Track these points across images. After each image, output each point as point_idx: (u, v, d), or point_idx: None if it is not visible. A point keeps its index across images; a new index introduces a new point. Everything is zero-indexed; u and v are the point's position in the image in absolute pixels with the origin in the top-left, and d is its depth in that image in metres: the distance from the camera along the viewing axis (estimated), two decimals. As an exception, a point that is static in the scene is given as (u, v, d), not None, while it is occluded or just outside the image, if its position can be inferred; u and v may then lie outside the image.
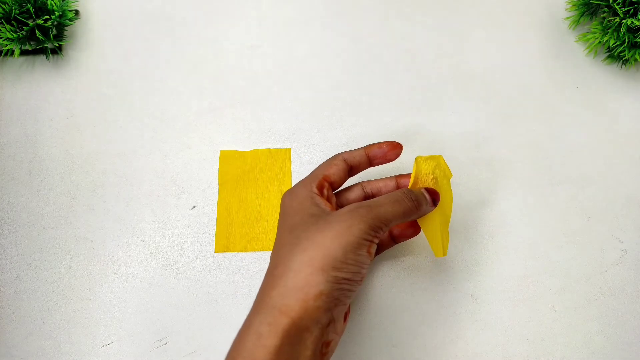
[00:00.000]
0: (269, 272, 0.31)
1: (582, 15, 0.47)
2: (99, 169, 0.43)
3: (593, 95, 0.47)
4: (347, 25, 0.49)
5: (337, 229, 0.30)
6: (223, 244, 0.41)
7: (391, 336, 0.38)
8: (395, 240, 0.38)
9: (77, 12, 0.49)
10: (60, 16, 0.45)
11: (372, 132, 0.45)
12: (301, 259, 0.30)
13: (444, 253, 0.35)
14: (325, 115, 0.45)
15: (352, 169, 0.36)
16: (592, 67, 0.48)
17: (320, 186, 0.34)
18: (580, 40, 0.48)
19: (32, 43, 0.45)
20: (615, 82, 0.47)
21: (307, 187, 0.34)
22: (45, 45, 0.45)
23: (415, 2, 0.50)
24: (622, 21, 0.42)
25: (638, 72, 0.47)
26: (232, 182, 0.43)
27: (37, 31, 0.43)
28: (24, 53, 0.46)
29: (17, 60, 0.47)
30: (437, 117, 0.45)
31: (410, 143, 0.44)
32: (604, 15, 0.45)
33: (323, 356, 0.30)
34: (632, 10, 0.42)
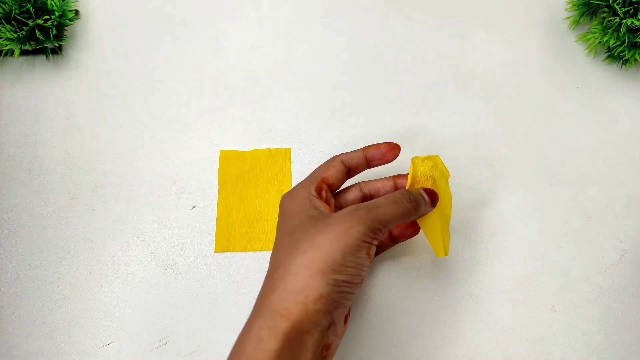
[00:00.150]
0: (268, 275, 0.31)
1: (582, 15, 0.47)
2: (99, 169, 0.43)
3: (593, 95, 0.47)
4: (347, 25, 0.49)
5: (336, 232, 0.30)
6: (223, 244, 0.41)
7: (391, 336, 0.38)
8: (395, 241, 0.38)
9: (77, 12, 0.49)
10: (60, 16, 0.45)
11: (372, 132, 0.45)
12: (300, 261, 0.30)
13: (446, 253, 0.35)
14: (325, 115, 0.45)
15: (351, 171, 0.36)
16: (592, 67, 0.48)
17: (319, 188, 0.34)
18: (580, 40, 0.48)
19: (32, 43, 0.45)
20: (615, 82, 0.47)
21: (305, 190, 0.34)
22: (45, 45, 0.45)
23: (415, 2, 0.50)
24: (622, 21, 0.42)
25: (638, 72, 0.47)
26: (232, 182, 0.43)
27: (37, 31, 0.43)
28: (24, 53, 0.46)
29: (17, 60, 0.47)
30: (437, 117, 0.45)
31: (410, 143, 0.44)
32: (604, 15, 0.45)
33: (324, 359, 0.30)
34: (632, 10, 0.42)
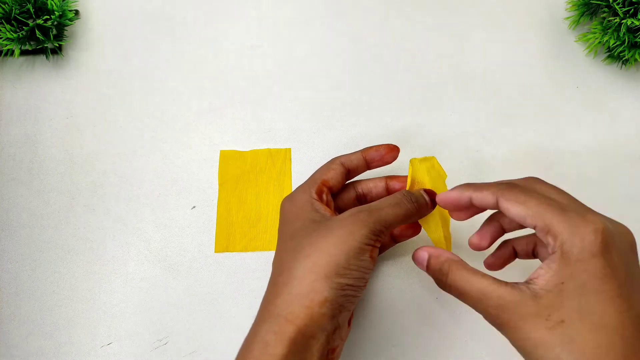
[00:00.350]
0: (272, 280, 0.32)
1: (582, 15, 0.47)
2: (99, 169, 0.43)
3: (593, 95, 0.47)
4: (347, 25, 0.49)
5: (339, 235, 0.30)
6: (223, 244, 0.41)
7: (391, 336, 0.38)
8: (396, 240, 0.38)
9: (77, 12, 0.48)
10: (60, 16, 0.45)
11: (372, 132, 0.45)
12: (305, 265, 0.30)
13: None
14: (325, 115, 0.45)
15: (350, 173, 0.36)
16: (592, 67, 0.48)
17: (319, 191, 0.34)
18: (580, 40, 0.48)
19: (32, 43, 0.45)
20: (615, 82, 0.47)
21: (306, 193, 0.34)
22: (45, 45, 0.45)
23: (415, 2, 0.50)
24: (622, 21, 0.42)
25: (638, 72, 0.47)
26: (232, 182, 0.43)
27: (37, 31, 0.43)
28: (24, 53, 0.46)
29: (17, 60, 0.47)
30: (437, 117, 0.45)
31: (410, 143, 0.44)
32: (604, 15, 0.45)
33: None
34: (632, 10, 0.42)
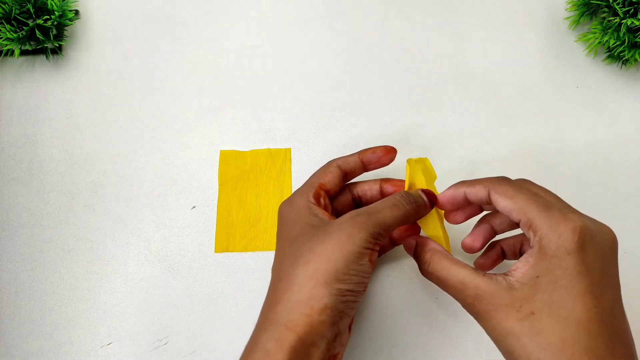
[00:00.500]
0: (272, 286, 0.31)
1: (582, 15, 0.47)
2: (99, 169, 0.43)
3: (593, 95, 0.47)
4: (347, 25, 0.49)
5: (337, 239, 0.30)
6: (223, 244, 0.41)
7: (391, 336, 0.38)
8: (395, 243, 0.38)
9: (77, 12, 0.48)
10: (60, 16, 0.45)
11: (372, 132, 0.45)
12: (304, 272, 0.29)
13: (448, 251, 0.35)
14: (325, 115, 0.45)
15: (347, 175, 0.36)
16: (592, 67, 0.48)
17: (317, 195, 0.34)
18: (580, 40, 0.48)
19: (32, 43, 0.45)
20: (615, 82, 0.47)
21: (303, 197, 0.34)
22: (45, 45, 0.45)
23: (415, 2, 0.50)
24: (622, 21, 0.42)
25: (638, 72, 0.47)
26: (232, 182, 0.43)
27: (37, 31, 0.43)
28: (24, 53, 0.46)
29: (17, 60, 0.47)
30: (437, 117, 0.45)
31: (411, 143, 0.44)
32: (604, 15, 0.45)
33: None
34: (632, 10, 0.42)
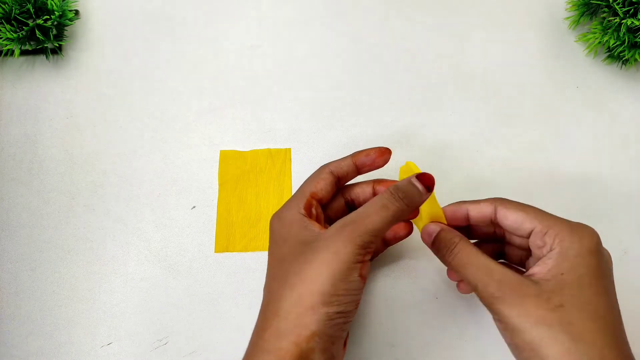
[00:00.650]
0: (262, 310, 0.31)
1: (582, 15, 0.47)
2: (99, 169, 0.43)
3: (593, 95, 0.47)
4: (347, 25, 0.49)
5: (322, 259, 0.28)
6: (223, 244, 0.41)
7: (391, 336, 0.38)
8: (388, 244, 0.37)
9: (77, 12, 0.49)
10: (60, 16, 0.45)
11: (372, 132, 0.45)
12: (290, 297, 0.28)
13: None
14: (325, 115, 0.45)
15: (340, 180, 0.35)
16: (592, 67, 0.48)
17: (308, 205, 0.32)
18: (580, 40, 0.48)
19: (32, 43, 0.45)
20: (615, 82, 0.47)
21: (293, 210, 0.32)
22: (45, 45, 0.45)
23: (415, 2, 0.50)
24: (622, 21, 0.42)
25: (638, 72, 0.47)
26: (232, 182, 0.43)
27: (37, 31, 0.43)
28: (24, 53, 0.46)
29: (17, 60, 0.47)
30: (437, 117, 0.45)
31: (411, 143, 0.44)
32: (604, 15, 0.45)
33: None
34: (632, 10, 0.42)
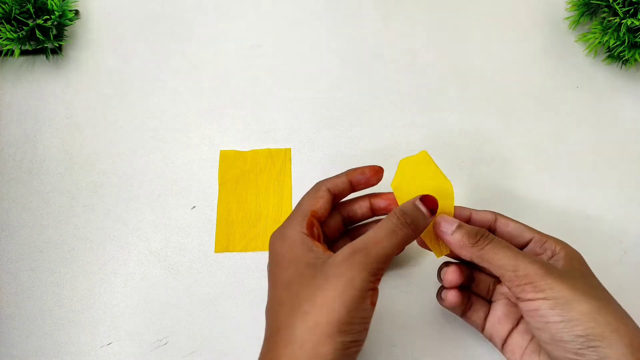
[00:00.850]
0: (269, 337, 0.30)
1: (582, 15, 0.47)
2: (99, 169, 0.43)
3: (593, 95, 0.47)
4: (347, 25, 0.49)
5: (336, 285, 0.28)
6: (223, 244, 0.41)
7: (391, 336, 0.38)
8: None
9: (77, 12, 0.49)
10: (60, 16, 0.45)
11: (371, 132, 0.45)
12: (304, 324, 0.28)
13: (442, 253, 0.35)
14: (325, 115, 0.45)
15: (336, 197, 0.35)
16: (592, 67, 0.48)
17: (310, 225, 0.32)
18: (580, 40, 0.48)
19: (32, 43, 0.45)
20: (615, 82, 0.47)
21: (296, 230, 0.32)
22: (45, 45, 0.45)
23: (415, 2, 0.50)
24: (622, 21, 0.42)
25: (638, 72, 0.47)
26: (232, 182, 0.43)
27: (37, 31, 0.43)
28: (24, 53, 0.46)
29: (17, 60, 0.47)
30: (437, 117, 0.45)
31: (411, 143, 0.44)
32: (604, 15, 0.45)
33: None
34: (632, 10, 0.42)
